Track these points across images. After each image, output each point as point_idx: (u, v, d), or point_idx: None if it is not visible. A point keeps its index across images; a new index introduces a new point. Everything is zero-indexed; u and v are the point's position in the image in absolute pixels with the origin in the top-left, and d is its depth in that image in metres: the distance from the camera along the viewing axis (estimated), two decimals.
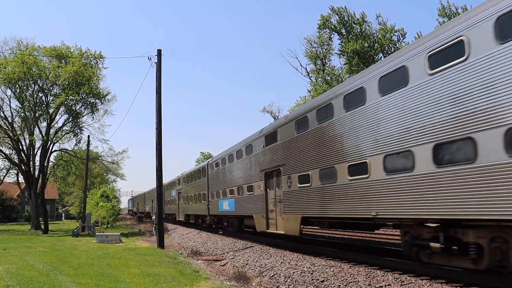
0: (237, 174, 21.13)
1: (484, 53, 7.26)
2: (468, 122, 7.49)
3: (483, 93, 7.21)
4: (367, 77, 10.63)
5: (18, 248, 19.61)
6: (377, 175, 9.96)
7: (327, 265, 11.30)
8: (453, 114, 7.82)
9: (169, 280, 10.51)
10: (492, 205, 6.98)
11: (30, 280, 10.43)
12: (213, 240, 22.14)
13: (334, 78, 41.43)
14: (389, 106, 9.60)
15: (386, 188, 9.66)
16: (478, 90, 7.31)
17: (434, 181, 8.21)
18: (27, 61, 33.53)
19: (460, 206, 7.63)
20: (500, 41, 7.02)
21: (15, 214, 65.15)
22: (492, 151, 7.01)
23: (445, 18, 37.22)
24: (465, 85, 7.62)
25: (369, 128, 10.31)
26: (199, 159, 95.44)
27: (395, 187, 9.34)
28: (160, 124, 20.24)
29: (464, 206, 7.53)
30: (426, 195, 8.41)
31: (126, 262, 13.98)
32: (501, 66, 6.93)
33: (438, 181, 8.12)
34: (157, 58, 20.28)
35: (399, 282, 8.73)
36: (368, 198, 10.32)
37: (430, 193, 8.32)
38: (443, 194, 7.98)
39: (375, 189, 10.01)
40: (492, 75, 7.10)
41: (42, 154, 37.47)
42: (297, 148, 14.40)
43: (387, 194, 9.61)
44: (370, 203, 10.24)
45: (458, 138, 7.67)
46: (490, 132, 7.04)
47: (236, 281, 10.77)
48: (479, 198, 7.22)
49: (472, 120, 7.41)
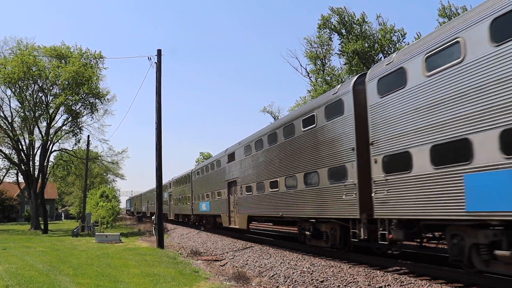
0: (211, 182, 26.37)
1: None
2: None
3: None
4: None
5: (17, 248, 19.60)
6: (282, 188, 15.48)
7: (326, 265, 11.29)
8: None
9: (168, 280, 10.50)
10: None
11: (30, 280, 10.42)
12: (212, 240, 22.14)
13: (334, 79, 41.40)
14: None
15: (286, 197, 15.09)
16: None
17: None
18: (27, 61, 33.49)
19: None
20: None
21: (15, 214, 65.12)
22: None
23: (445, 18, 37.21)
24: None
25: (279, 159, 15.90)
26: (198, 159, 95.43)
27: (291, 197, 14.71)
28: (160, 124, 20.22)
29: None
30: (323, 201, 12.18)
31: (125, 262, 13.97)
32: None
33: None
34: (157, 58, 20.26)
35: (398, 283, 8.73)
36: (277, 204, 15.90)
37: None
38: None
39: (281, 198, 15.59)
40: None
41: (41, 154, 37.45)
42: (245, 166, 20.01)
43: (288, 201, 14.99)
44: (278, 207, 15.79)
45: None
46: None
47: (235, 281, 10.76)
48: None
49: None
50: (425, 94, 8.57)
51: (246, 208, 19.60)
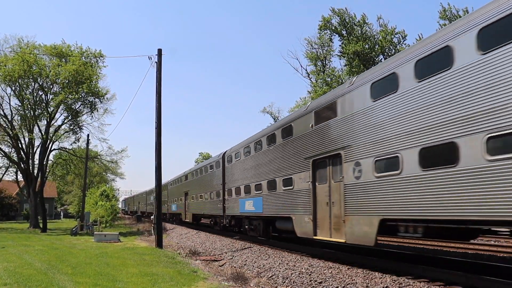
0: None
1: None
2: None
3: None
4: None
5: (16, 247, 19.59)
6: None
7: (325, 267, 11.29)
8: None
9: (167, 280, 10.49)
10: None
11: (28, 279, 10.41)
12: (211, 240, 22.12)
13: (334, 80, 41.42)
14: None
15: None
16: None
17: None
18: (28, 59, 33.50)
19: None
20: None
21: (14, 212, 65.05)
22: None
23: (446, 20, 37.24)
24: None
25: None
26: (198, 159, 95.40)
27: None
28: (159, 124, 20.20)
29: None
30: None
31: (124, 262, 13.97)
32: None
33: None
34: (158, 58, 20.23)
35: (397, 284, 8.72)
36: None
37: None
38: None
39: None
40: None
41: (41, 152, 37.47)
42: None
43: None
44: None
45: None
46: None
47: (234, 281, 10.75)
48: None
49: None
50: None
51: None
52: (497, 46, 7.03)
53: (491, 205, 6.96)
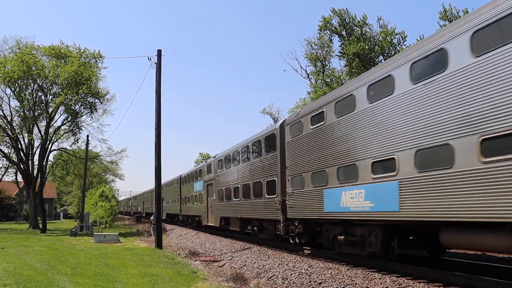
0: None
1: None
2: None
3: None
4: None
5: (16, 247, 19.58)
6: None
7: (325, 267, 11.29)
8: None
9: (166, 280, 10.49)
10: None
11: (28, 279, 10.40)
12: (211, 241, 22.12)
13: (334, 80, 41.40)
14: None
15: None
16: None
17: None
18: (27, 60, 33.49)
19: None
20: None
21: (13, 213, 65.05)
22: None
23: (446, 21, 37.21)
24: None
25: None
26: (198, 159, 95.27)
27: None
28: (159, 125, 20.19)
29: None
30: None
31: (123, 262, 13.96)
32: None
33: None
34: (157, 59, 20.25)
35: (396, 285, 8.73)
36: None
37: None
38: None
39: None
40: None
41: (41, 153, 37.42)
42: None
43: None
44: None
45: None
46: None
47: (233, 282, 10.76)
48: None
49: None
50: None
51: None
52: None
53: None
